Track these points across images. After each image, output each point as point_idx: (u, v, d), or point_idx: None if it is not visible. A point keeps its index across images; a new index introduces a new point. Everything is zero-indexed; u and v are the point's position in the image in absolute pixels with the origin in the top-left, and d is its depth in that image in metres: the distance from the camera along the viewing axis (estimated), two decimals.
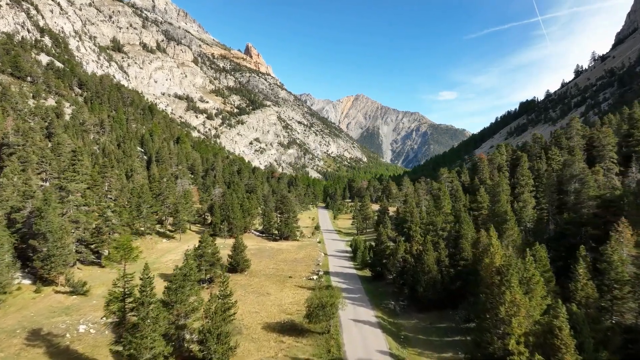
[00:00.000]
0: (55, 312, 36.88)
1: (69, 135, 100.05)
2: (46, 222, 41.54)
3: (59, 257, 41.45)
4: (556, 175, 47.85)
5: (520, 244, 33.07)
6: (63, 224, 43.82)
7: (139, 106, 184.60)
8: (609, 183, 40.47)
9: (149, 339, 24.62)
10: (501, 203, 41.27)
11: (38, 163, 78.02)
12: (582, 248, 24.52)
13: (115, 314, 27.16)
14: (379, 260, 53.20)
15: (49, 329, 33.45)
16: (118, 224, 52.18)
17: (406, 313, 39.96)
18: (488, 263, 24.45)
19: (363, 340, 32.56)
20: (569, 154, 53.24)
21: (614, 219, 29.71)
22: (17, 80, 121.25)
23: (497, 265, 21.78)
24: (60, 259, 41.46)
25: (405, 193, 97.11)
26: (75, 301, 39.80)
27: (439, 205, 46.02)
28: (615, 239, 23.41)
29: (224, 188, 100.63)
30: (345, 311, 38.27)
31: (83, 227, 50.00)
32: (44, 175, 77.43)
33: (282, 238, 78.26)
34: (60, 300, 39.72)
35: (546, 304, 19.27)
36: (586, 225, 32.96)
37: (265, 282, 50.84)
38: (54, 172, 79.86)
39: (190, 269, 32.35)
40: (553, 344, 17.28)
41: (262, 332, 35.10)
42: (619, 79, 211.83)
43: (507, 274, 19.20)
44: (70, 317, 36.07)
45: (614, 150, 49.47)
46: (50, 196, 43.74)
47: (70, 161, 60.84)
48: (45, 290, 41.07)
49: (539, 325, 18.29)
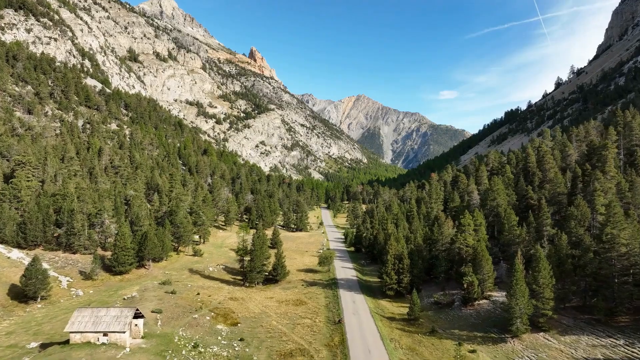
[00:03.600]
0: (192, 262, 74.23)
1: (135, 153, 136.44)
2: (179, 217, 78.70)
3: (186, 237, 78.67)
4: (459, 191, 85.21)
5: (417, 226, 70.25)
6: (186, 218, 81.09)
7: (170, 122, 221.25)
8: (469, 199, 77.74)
9: (257, 264, 61.78)
10: (421, 208, 78.49)
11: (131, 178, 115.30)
12: (426, 228, 61.87)
13: (240, 255, 64.26)
14: (359, 241, 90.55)
15: (195, 268, 70.76)
16: (206, 219, 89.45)
17: (368, 265, 77.66)
18: (388, 232, 60.85)
19: (345, 273, 70.11)
20: (473, 177, 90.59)
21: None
22: (89, 110, 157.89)
23: (389, 233, 58.34)
24: (187, 238, 78.71)
25: (382, 199, 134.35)
26: (198, 259, 77.18)
27: (391, 208, 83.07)
28: (440, 224, 59.92)
29: (250, 194, 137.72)
30: (337, 263, 75.67)
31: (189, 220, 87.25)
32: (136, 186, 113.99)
33: (298, 230, 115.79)
34: (190, 259, 77.09)
35: (403, 246, 55.94)
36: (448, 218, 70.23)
37: (292, 253, 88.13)
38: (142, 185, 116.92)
39: (263, 239, 69.60)
40: (401, 257, 54.21)
41: (297, 272, 72.52)
42: (584, 95, 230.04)
43: (390, 236, 55.98)
44: (201, 264, 73.38)
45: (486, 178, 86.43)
46: (179, 202, 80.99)
47: (165, 180, 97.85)
48: (181, 254, 78.50)
49: (400, 252, 55.30)
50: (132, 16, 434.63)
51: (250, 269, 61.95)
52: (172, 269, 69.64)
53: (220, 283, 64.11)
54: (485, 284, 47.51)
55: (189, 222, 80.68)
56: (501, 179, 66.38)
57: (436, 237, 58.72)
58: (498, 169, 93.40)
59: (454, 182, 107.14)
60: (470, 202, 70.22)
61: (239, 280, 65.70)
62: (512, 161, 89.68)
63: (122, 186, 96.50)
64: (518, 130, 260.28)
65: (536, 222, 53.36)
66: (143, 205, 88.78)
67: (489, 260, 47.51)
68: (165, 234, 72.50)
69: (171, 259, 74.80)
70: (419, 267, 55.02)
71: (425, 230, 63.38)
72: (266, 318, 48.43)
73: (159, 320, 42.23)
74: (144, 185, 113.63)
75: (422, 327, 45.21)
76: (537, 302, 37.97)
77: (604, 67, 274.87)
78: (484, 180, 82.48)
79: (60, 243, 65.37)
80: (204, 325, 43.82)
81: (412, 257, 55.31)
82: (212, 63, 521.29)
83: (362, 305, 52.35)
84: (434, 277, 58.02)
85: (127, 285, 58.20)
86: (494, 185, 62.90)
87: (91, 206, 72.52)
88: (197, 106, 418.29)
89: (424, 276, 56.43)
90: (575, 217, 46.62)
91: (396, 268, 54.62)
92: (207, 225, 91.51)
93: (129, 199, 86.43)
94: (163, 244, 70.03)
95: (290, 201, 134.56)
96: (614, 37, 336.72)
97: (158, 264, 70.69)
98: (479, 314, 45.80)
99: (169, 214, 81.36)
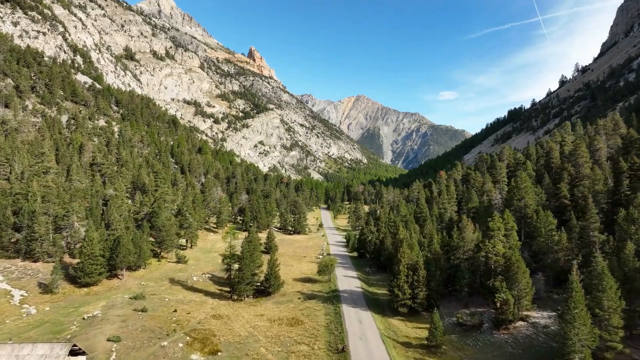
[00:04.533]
0: (175, 271, 65.32)
1: (122, 150, 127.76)
2: (161, 220, 69.84)
3: (169, 241, 69.80)
4: (474, 189, 76.34)
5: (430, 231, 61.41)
6: (170, 221, 72.19)
7: (164, 120, 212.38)
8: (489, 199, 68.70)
9: (246, 274, 52.95)
10: (433, 209, 69.70)
11: (114, 177, 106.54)
12: (444, 232, 53.00)
13: (226, 264, 55.37)
14: (362, 245, 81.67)
15: (177, 278, 61.84)
16: (193, 221, 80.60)
17: (374, 273, 68.62)
18: (398, 238, 52.35)
19: (348, 283, 61.10)
20: (488, 175, 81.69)
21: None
22: (75, 105, 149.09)
23: (400, 238, 49.69)
24: (170, 242, 69.85)
25: (386, 199, 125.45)
26: (181, 267, 68.26)
27: (398, 210, 74.26)
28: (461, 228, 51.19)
29: (245, 194, 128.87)
30: (339, 271, 66.79)
31: (173, 223, 78.45)
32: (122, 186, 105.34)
33: (296, 232, 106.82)
34: (173, 266, 68.17)
35: (417, 254, 47.12)
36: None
37: (288, 259, 79.24)
38: (128, 184, 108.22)
39: (255, 246, 60.68)
40: (416, 267, 45.50)
41: (293, 282, 63.55)
42: (591, 93, 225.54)
43: (402, 242, 47.23)
44: (184, 273, 64.48)
45: (505, 175, 77.52)
46: (162, 203, 72.13)
47: (152, 179, 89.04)
48: (163, 261, 69.57)
49: (414, 261, 46.43)
50: (129, 14, 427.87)
51: (239, 279, 53.12)
52: (151, 278, 60.77)
53: (204, 296, 55.27)
54: (522, 301, 38.69)
55: (172, 225, 71.84)
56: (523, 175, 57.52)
57: (456, 243, 49.82)
58: (514, 165, 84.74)
59: (465, 181, 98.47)
60: (491, 202, 61.30)
61: (225, 293, 56.88)
62: (531, 157, 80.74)
63: (102, 185, 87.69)
64: (523, 129, 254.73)
65: (579, 225, 44.59)
66: (124, 207, 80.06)
67: (526, 273, 38.67)
68: (143, 238, 63.69)
69: (151, 267, 65.90)
70: (437, 279, 46.18)
71: (442, 235, 54.36)
72: (254, 343, 39.59)
73: (113, 353, 33.28)
74: (129, 185, 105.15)
75: (447, 356, 36.41)
76: (602, 331, 29.22)
77: (612, 64, 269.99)
78: (502, 177, 73.69)
79: (19, 250, 56.56)
80: (174, 356, 34.95)
81: (428, 267, 46.46)
82: (211, 62, 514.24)
83: (370, 325, 43.46)
84: (453, 289, 49.20)
85: (92, 300, 49.36)
86: (520, 182, 54.02)
87: (59, 207, 63.65)
88: (195, 105, 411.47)
89: (442, 289, 47.53)
90: (637, 220, 37.82)
91: (410, 280, 45.81)
92: (195, 227, 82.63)
93: (108, 199, 77.65)
94: (140, 250, 61.22)
95: (288, 201, 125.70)
96: (619, 34, 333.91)
97: (134, 273, 61.82)
98: (516, 340, 36.93)
99: (150, 216, 72.56)
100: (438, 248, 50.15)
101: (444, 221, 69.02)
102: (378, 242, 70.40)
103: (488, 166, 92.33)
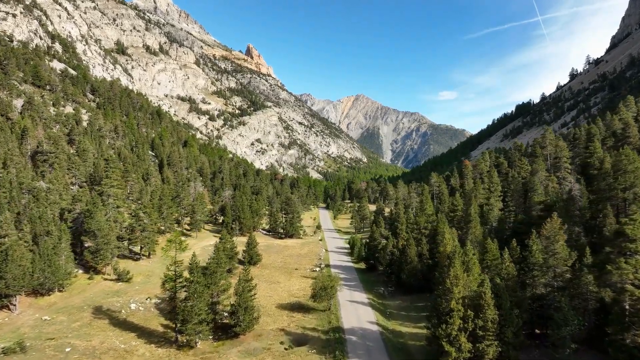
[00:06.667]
0: (108, 294, 45.65)
1: (88, 140, 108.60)
2: (95, 222, 50.29)
3: (106, 251, 50.23)
4: (522, 182, 56.69)
5: (481, 239, 41.80)
6: (108, 223, 52.56)
7: (148, 111, 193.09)
8: (560, 190, 49.10)
9: (197, 307, 33.40)
10: (473, 206, 50.07)
11: (68, 168, 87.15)
12: (513, 241, 33.42)
13: (169, 291, 35.82)
14: (372, 254, 61.99)
15: (107, 306, 42.22)
16: (148, 223, 60.92)
17: (392, 296, 48.82)
18: (442, 251, 33.08)
19: (357, 314, 41.40)
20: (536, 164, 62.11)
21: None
22: (37, 89, 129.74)
23: (448, 252, 30.43)
24: (107, 252, 50.25)
25: (396, 196, 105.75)
26: (121, 286, 48.55)
27: (423, 207, 54.68)
28: (536, 235, 31.88)
29: (231, 190, 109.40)
30: (342, 294, 47.10)
31: (120, 226, 58.87)
32: (74, 180, 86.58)
33: (287, 236, 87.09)
34: (110, 286, 48.49)
35: (481, 278, 27.82)
36: (534, 224, 41.59)
37: (275, 273, 59.60)
38: (82, 177, 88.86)
39: (220, 260, 41.10)
40: (479, 304, 25.94)
41: (276, 310, 43.89)
42: (610, 83, 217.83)
43: (453, 257, 27.82)
44: (121, 298, 44.83)
45: (568, 162, 58.13)
46: (98, 199, 52.52)
47: (103, 168, 69.63)
48: (96, 278, 49.85)
49: (473, 292, 26.96)
50: (122, 8, 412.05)
51: (185, 315, 33.44)
52: (64, 308, 41.06)
53: (135, 339, 35.62)
54: None
55: (112, 229, 52.20)
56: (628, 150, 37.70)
57: (536, 260, 30.06)
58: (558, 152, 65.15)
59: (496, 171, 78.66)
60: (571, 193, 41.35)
61: (171, 332, 37.27)
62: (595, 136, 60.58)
63: (36, 177, 68.16)
64: (534, 123, 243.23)
65: None
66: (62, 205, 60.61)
67: None
68: (60, 248, 44.11)
69: (73, 288, 46.10)
70: (516, 323, 26.53)
71: (515, 250, 33.66)
72: None
73: None
74: (86, 178, 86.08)
75: None
76: None
77: (632, 53, 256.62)
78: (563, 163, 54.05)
79: None
80: None
81: (499, 301, 26.79)
82: (207, 59, 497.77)
83: None
84: (539, 337, 29.58)
85: None
86: (626, 161, 34.44)
87: None
88: (190, 102, 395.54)
89: (523, 339, 27.80)
90: None
91: (469, 326, 26.25)
92: (154, 231, 62.88)
93: (36, 194, 58.10)
94: (51, 266, 41.65)
95: (280, 199, 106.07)
96: (632, 25, 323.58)
97: (42, 299, 42.13)
98: None
99: (83, 217, 52.84)
100: (511, 269, 30.37)
101: (488, 223, 49.46)
102: (397, 251, 50.61)
103: (529, 153, 72.66)
